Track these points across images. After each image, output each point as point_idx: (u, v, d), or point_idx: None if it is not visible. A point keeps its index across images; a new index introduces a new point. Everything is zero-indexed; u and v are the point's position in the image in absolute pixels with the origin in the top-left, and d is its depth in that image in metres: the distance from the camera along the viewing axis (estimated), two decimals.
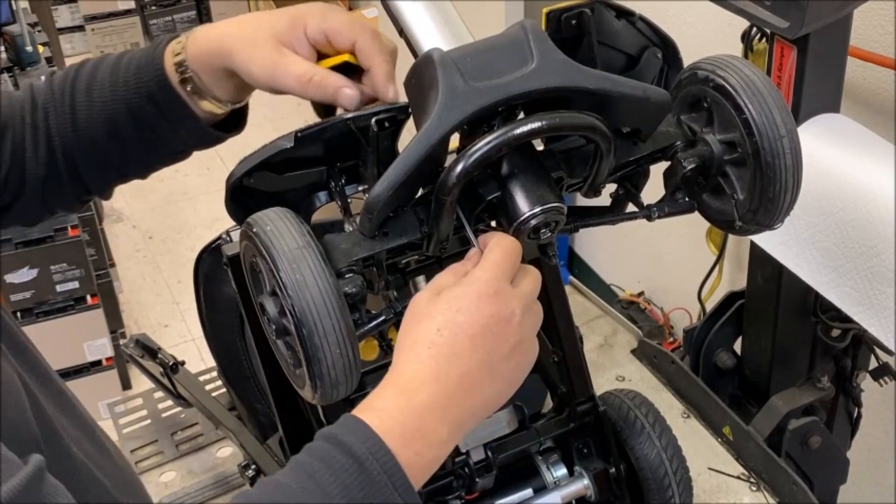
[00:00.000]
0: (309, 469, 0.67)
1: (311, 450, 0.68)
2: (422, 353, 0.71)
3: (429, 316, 0.73)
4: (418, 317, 0.74)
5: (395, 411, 0.69)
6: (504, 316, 0.72)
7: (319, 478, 0.66)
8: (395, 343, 0.95)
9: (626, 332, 1.96)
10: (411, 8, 0.89)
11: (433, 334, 0.71)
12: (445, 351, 0.71)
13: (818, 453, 1.64)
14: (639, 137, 0.87)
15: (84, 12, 4.46)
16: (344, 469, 0.66)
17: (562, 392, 1.18)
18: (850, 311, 1.40)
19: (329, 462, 0.66)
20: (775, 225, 0.87)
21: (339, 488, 0.65)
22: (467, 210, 0.81)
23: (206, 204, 3.61)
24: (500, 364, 0.73)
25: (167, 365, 1.57)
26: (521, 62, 0.77)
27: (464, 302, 0.72)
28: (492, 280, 0.73)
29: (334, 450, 0.67)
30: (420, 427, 0.69)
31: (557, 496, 1.12)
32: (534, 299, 0.77)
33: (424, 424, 0.70)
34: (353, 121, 0.81)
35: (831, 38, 1.38)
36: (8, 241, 2.44)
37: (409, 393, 0.70)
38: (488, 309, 0.72)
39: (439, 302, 0.73)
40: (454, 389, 0.71)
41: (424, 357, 0.71)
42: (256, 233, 0.73)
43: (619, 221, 0.93)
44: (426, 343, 0.71)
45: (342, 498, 0.65)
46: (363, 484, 0.66)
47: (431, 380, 0.70)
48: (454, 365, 0.71)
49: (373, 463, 0.66)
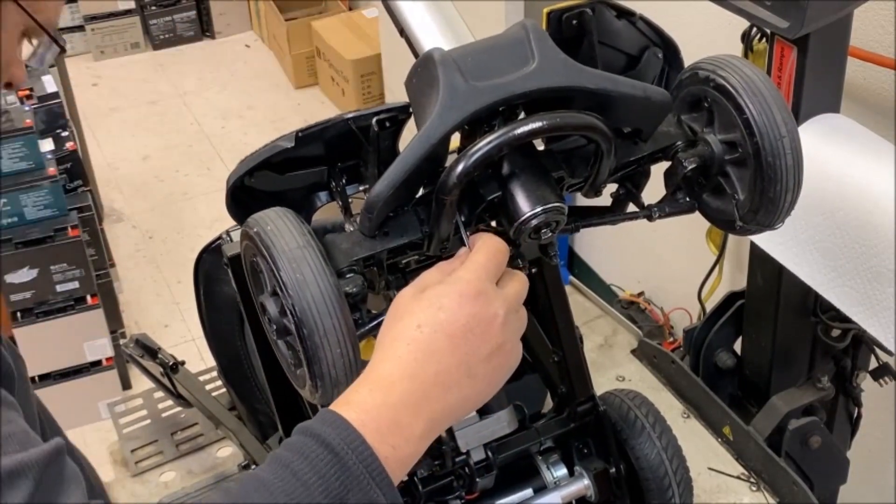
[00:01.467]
0: (286, 461, 0.67)
1: (288, 444, 0.69)
2: (400, 349, 0.71)
3: (410, 313, 0.73)
4: (400, 313, 0.74)
5: (370, 405, 0.69)
6: (486, 317, 0.72)
7: (296, 469, 0.66)
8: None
9: (626, 332, 1.96)
10: (412, 8, 0.89)
11: (413, 331, 0.72)
12: (423, 348, 0.71)
13: (818, 453, 1.64)
14: (639, 137, 0.87)
15: (84, 12, 4.46)
16: (320, 460, 0.66)
17: (562, 392, 1.18)
18: (850, 311, 1.40)
19: (306, 454, 0.66)
20: (776, 225, 0.87)
21: (317, 479, 0.65)
22: (468, 210, 0.81)
23: (206, 204, 3.61)
24: (479, 365, 0.73)
25: (167, 365, 1.57)
26: (522, 62, 0.77)
27: (445, 300, 0.72)
28: (475, 280, 0.73)
29: (311, 442, 0.67)
30: (396, 422, 0.69)
31: (557, 496, 1.12)
32: (519, 303, 0.77)
33: (400, 419, 0.70)
34: (354, 120, 0.81)
35: (831, 38, 1.38)
36: (8, 241, 2.44)
37: (385, 388, 0.70)
38: (470, 309, 0.72)
39: (422, 299, 0.73)
40: (430, 387, 0.71)
41: (403, 353, 0.71)
42: (257, 232, 0.73)
43: (620, 221, 0.93)
44: (405, 339, 0.72)
45: (320, 488, 0.65)
46: (340, 474, 0.66)
47: (407, 376, 0.71)
48: (431, 363, 0.71)
49: (349, 454, 0.66)
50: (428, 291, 0.73)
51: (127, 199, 3.68)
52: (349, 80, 3.89)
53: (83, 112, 3.72)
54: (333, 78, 4.04)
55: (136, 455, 1.72)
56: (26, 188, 2.44)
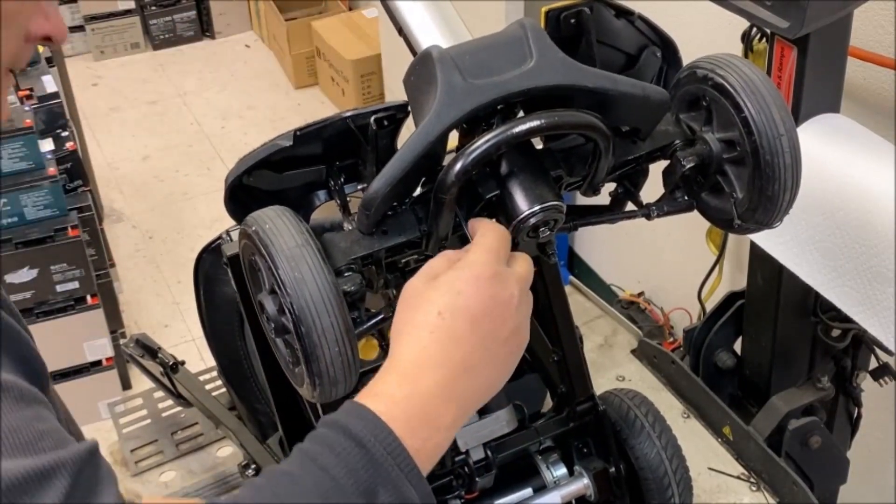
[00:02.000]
0: (314, 455, 0.65)
1: (316, 437, 0.67)
2: (423, 337, 0.70)
3: (428, 300, 0.72)
4: (415, 302, 0.73)
5: (398, 397, 0.69)
6: (503, 299, 0.72)
7: (325, 463, 0.65)
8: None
9: (626, 332, 1.96)
10: (410, 7, 0.89)
11: (434, 318, 0.71)
12: (447, 335, 0.70)
13: (818, 453, 1.63)
14: (638, 136, 0.87)
15: (84, 12, 4.46)
16: (350, 454, 0.65)
17: (562, 392, 1.17)
18: (850, 311, 1.40)
19: (335, 448, 0.65)
20: (774, 223, 0.87)
21: (346, 473, 0.64)
22: (466, 208, 0.81)
23: (206, 204, 3.61)
24: (500, 347, 0.72)
25: (167, 365, 1.57)
26: (520, 60, 0.77)
27: (462, 284, 0.71)
28: (489, 262, 0.73)
29: (339, 436, 0.66)
30: (426, 412, 0.69)
31: (557, 496, 1.12)
32: (528, 283, 0.76)
33: (430, 409, 0.69)
34: (352, 119, 0.81)
35: (831, 38, 1.38)
36: (8, 241, 2.44)
37: (412, 378, 0.69)
38: (488, 290, 0.71)
39: (438, 286, 0.72)
40: (458, 373, 0.70)
41: (427, 342, 0.70)
42: (255, 231, 0.73)
43: (619, 220, 0.93)
44: (427, 327, 0.71)
45: (350, 483, 0.64)
46: (370, 469, 0.65)
47: (435, 364, 0.70)
48: (457, 349, 0.70)
49: (378, 448, 0.65)
50: (442, 278, 0.72)
51: (127, 199, 3.68)
52: (349, 80, 3.89)
53: (83, 112, 3.72)
54: (333, 78, 4.04)
55: (136, 455, 1.72)
56: (26, 188, 2.44)
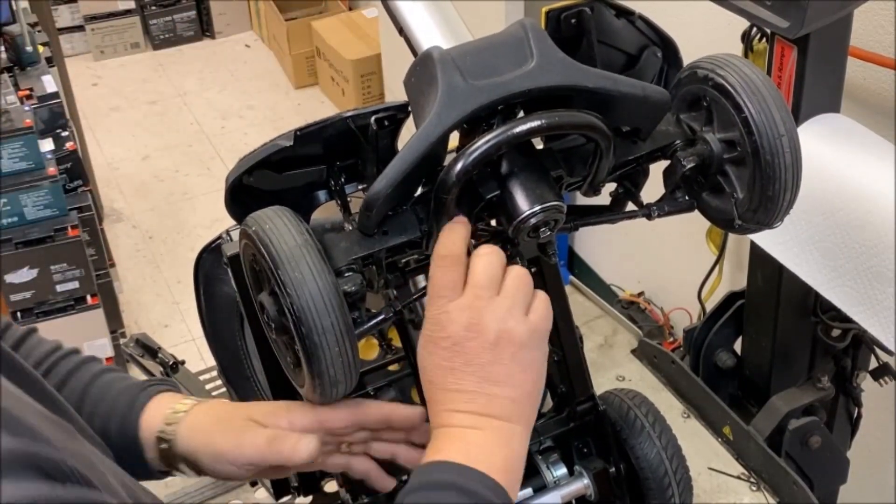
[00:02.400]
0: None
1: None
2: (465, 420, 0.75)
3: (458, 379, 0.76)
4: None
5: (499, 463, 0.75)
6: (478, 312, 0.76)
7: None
8: (394, 342, 0.94)
9: (626, 332, 1.96)
10: (411, 7, 0.89)
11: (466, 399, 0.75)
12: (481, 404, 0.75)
13: (818, 453, 1.63)
14: (638, 136, 0.87)
15: (84, 12, 4.46)
16: None
17: (562, 392, 1.17)
18: (850, 311, 1.40)
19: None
20: (775, 224, 0.87)
21: None
22: (467, 208, 0.81)
23: (206, 204, 3.61)
24: (504, 359, 0.77)
25: (167, 364, 1.58)
26: (521, 61, 0.77)
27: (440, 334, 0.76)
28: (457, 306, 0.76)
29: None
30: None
31: (557, 496, 1.12)
32: (503, 274, 0.79)
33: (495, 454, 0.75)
34: (353, 119, 0.81)
35: (831, 38, 1.38)
36: (8, 241, 2.44)
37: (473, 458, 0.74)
38: (463, 320, 0.76)
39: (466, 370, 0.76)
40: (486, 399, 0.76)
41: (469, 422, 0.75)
42: (255, 231, 0.73)
43: (619, 220, 0.93)
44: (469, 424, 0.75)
45: None
46: None
47: (503, 443, 0.76)
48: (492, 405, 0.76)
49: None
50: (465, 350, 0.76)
51: (127, 199, 3.69)
52: (349, 80, 3.89)
53: (83, 112, 3.72)
54: (333, 78, 4.05)
55: None
56: (26, 188, 2.44)
